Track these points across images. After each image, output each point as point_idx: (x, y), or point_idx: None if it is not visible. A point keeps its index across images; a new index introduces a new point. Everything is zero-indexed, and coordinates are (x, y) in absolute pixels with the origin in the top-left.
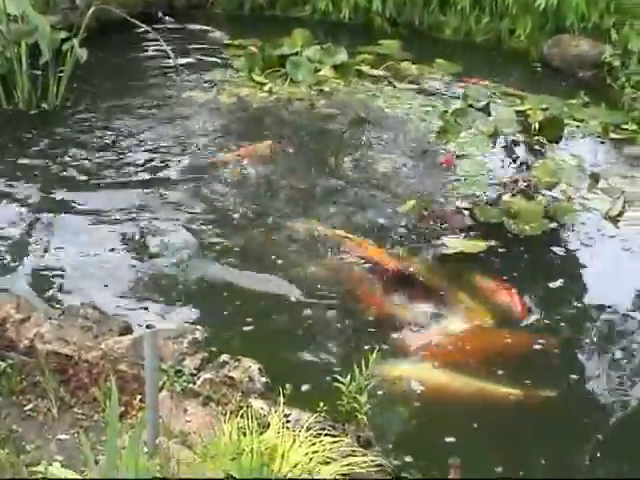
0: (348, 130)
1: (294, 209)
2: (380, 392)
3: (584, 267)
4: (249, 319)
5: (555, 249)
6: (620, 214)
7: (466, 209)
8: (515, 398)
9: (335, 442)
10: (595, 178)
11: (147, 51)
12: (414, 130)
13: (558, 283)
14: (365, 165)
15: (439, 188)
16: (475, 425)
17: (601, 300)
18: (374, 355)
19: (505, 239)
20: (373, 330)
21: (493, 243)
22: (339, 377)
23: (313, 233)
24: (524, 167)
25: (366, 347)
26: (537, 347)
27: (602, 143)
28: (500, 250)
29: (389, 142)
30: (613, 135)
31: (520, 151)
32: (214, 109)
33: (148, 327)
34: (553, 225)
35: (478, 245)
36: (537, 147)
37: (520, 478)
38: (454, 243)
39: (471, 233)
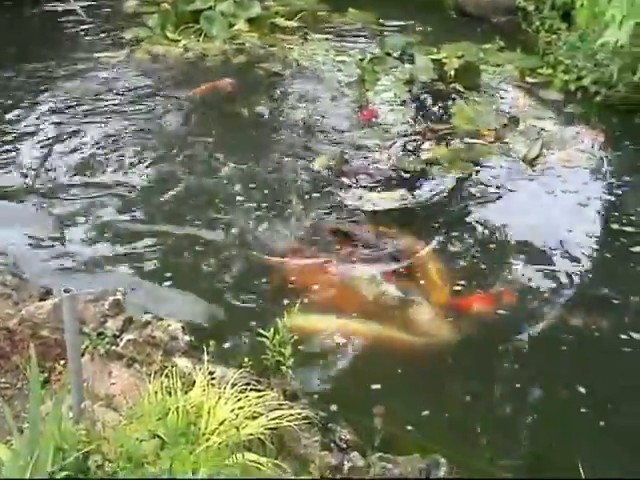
0: (264, 83)
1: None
2: (303, 345)
3: (502, 208)
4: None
5: (475, 193)
6: (538, 157)
7: (386, 159)
8: (422, 343)
9: (261, 397)
10: (513, 122)
11: (57, 11)
12: (331, 80)
13: (476, 226)
14: (283, 118)
15: (358, 140)
16: (399, 371)
17: (519, 237)
18: (295, 308)
19: (426, 187)
20: (292, 286)
21: (415, 192)
22: (262, 331)
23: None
24: (442, 114)
25: (287, 302)
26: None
27: (518, 87)
28: (420, 199)
29: (305, 94)
30: (529, 79)
31: (438, 98)
32: (127, 68)
33: (66, 291)
34: (473, 169)
35: (399, 195)
36: (455, 94)
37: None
38: (373, 196)
39: (392, 183)
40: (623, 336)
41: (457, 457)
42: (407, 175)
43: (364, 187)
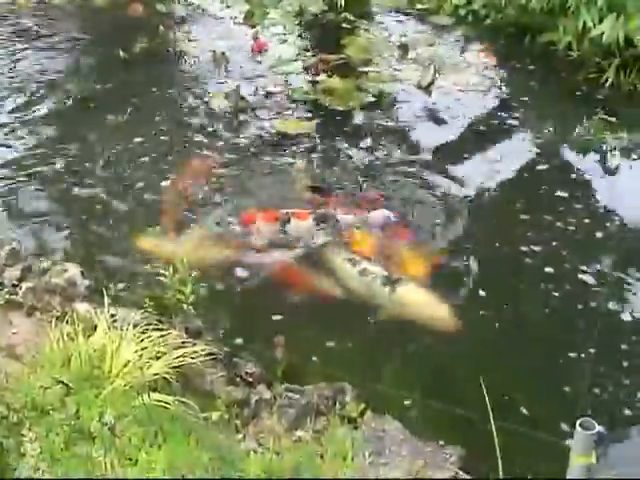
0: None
1: None
2: (205, 282)
3: (397, 130)
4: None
5: (372, 120)
6: (432, 82)
7: (281, 92)
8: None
9: (163, 336)
10: (404, 49)
11: None
12: (220, 18)
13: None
14: (172, 60)
15: (252, 74)
16: (296, 299)
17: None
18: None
19: (325, 115)
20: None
21: (314, 121)
22: (162, 271)
23: None
24: (334, 45)
25: None
26: None
27: (408, 14)
28: (320, 127)
29: (195, 33)
30: (419, 5)
31: (329, 29)
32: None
33: None
34: (368, 99)
35: (300, 125)
36: (345, 24)
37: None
38: (276, 125)
39: (290, 114)
40: None
41: (361, 383)
42: (304, 104)
43: (265, 119)
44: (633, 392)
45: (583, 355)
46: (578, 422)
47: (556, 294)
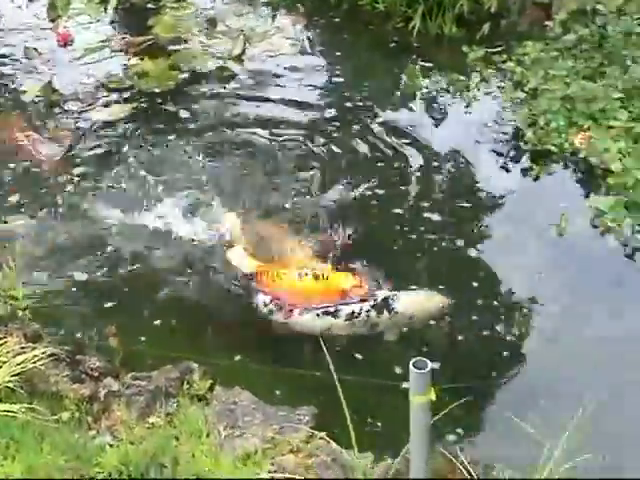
0: None
1: None
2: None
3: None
4: None
5: (183, 99)
6: (243, 52)
7: (93, 81)
8: None
9: (0, 345)
10: (212, 23)
11: None
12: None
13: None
14: None
15: (62, 65)
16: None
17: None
18: None
19: (146, 101)
20: None
21: (135, 106)
22: None
23: None
24: (142, 27)
25: None
26: None
27: None
28: (143, 112)
29: None
30: None
31: (134, 12)
32: None
33: None
34: (182, 76)
35: (123, 109)
36: (152, 4)
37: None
38: (98, 114)
39: (109, 102)
40: None
41: (202, 359)
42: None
43: (80, 112)
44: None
45: None
46: (411, 363)
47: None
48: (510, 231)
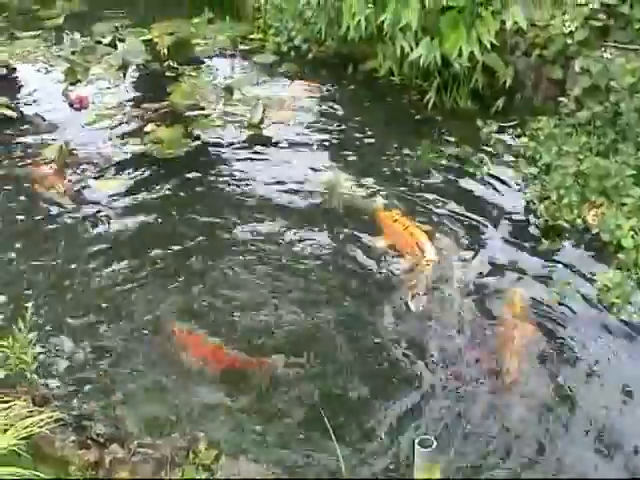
0: None
1: None
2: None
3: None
4: None
5: (198, 165)
6: (262, 120)
7: (109, 147)
8: None
9: (8, 408)
10: (229, 91)
11: None
12: (46, 77)
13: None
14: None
15: (80, 129)
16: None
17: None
18: None
19: (150, 165)
20: None
21: (137, 173)
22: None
23: None
24: (160, 94)
25: None
26: None
27: (232, 56)
28: (147, 180)
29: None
30: (242, 47)
31: (154, 79)
32: None
33: None
34: (196, 143)
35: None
36: (170, 72)
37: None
38: (100, 185)
39: (118, 169)
40: None
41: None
42: (132, 156)
43: (91, 177)
44: None
45: None
46: (417, 441)
47: None
48: None
